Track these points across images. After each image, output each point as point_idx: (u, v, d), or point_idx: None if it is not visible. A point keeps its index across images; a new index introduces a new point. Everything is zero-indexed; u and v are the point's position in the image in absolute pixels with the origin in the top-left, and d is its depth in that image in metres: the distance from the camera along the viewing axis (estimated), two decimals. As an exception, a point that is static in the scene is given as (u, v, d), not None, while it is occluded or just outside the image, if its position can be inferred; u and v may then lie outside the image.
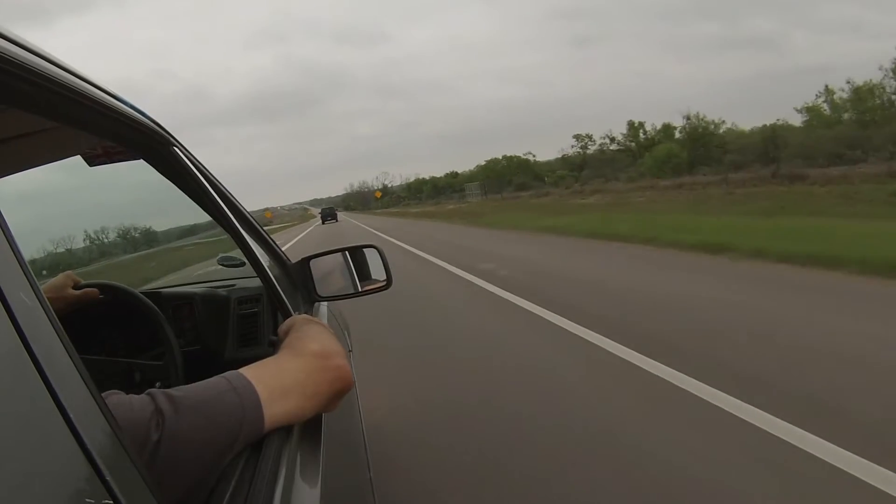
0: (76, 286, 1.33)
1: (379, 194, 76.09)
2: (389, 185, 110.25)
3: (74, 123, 0.80)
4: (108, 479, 0.36)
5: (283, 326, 0.98)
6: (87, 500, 0.34)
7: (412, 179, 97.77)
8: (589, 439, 2.54)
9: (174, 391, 0.63)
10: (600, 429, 2.62)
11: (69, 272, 1.36)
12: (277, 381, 0.71)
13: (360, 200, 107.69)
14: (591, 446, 2.46)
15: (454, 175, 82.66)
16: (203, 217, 1.19)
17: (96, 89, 0.71)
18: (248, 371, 0.70)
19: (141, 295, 1.38)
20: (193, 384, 0.66)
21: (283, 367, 0.75)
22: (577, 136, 61.62)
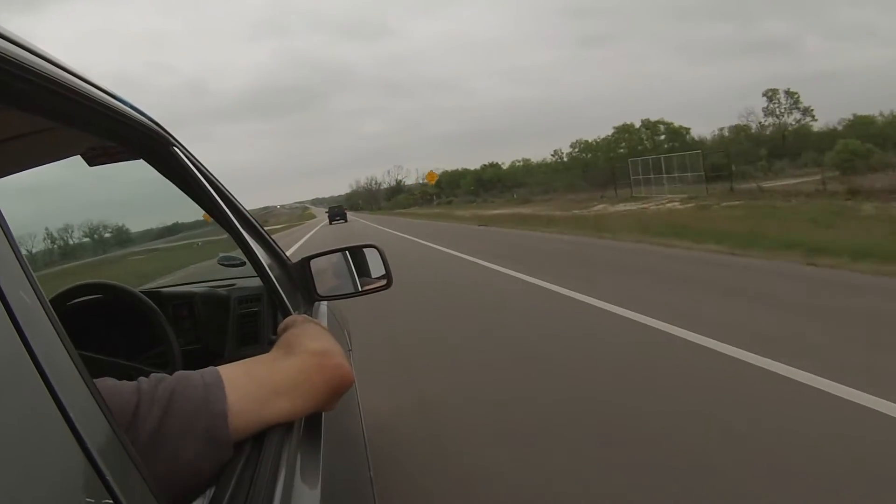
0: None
1: (434, 177, 46.28)
2: (403, 181, 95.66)
3: (74, 123, 0.80)
4: (108, 478, 0.36)
5: (281, 326, 0.98)
6: (87, 499, 0.34)
7: (439, 173, 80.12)
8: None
9: (158, 379, 0.63)
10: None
11: None
12: (269, 379, 0.71)
13: (368, 198, 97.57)
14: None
15: (495, 166, 67.48)
16: (203, 216, 1.19)
17: (96, 89, 0.71)
18: (236, 367, 0.70)
19: (141, 294, 1.38)
20: (177, 373, 0.65)
21: (277, 365, 0.75)
22: (768, 94, 37.52)
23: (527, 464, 2.36)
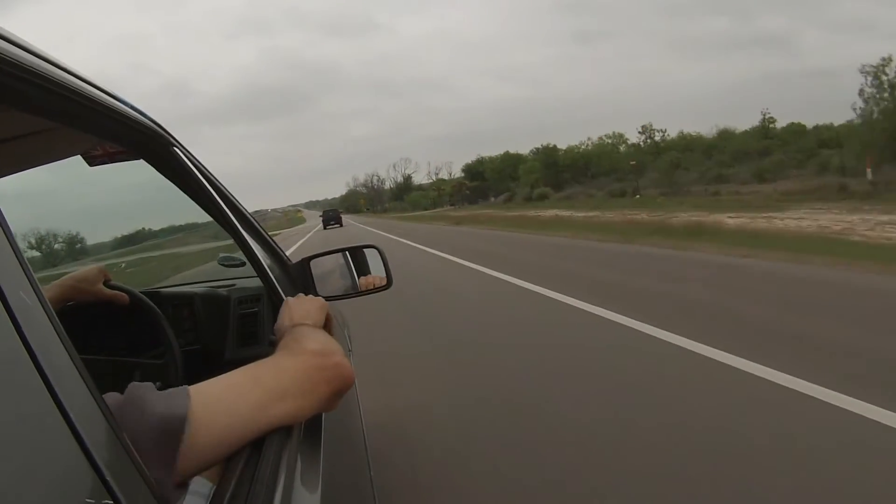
0: (108, 283, 1.34)
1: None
2: (412, 175, 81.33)
3: (75, 124, 0.80)
4: (108, 479, 0.36)
5: (279, 321, 0.98)
6: (87, 500, 0.34)
7: (451, 169, 67.14)
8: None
9: (135, 391, 0.60)
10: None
11: (103, 266, 1.37)
12: (276, 383, 0.71)
13: (371, 198, 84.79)
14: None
15: (554, 149, 51.43)
16: (203, 217, 1.19)
17: (96, 90, 0.71)
18: (240, 374, 0.70)
19: (141, 294, 1.38)
20: (142, 390, 0.60)
21: (280, 368, 0.75)
22: None
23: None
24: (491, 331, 4.82)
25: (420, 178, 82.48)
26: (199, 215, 1.19)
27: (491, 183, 55.13)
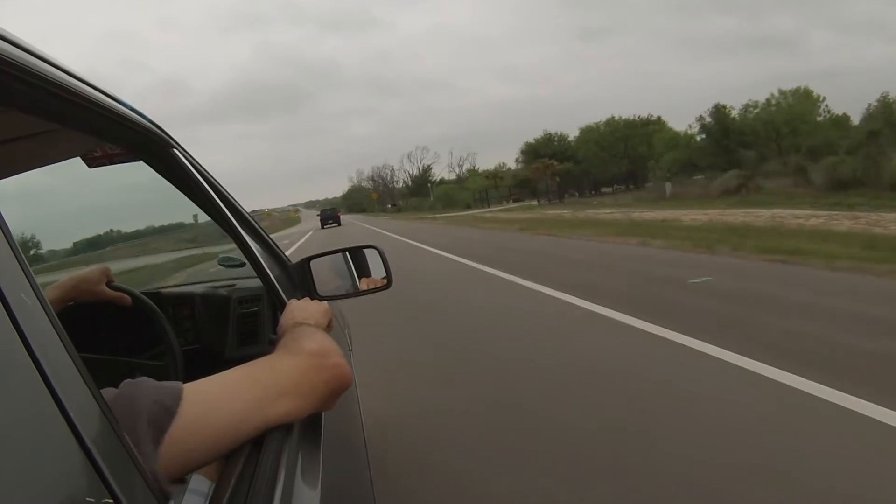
0: (110, 284, 1.34)
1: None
2: (431, 168, 67.31)
3: (74, 125, 0.80)
4: (108, 478, 0.37)
5: (281, 320, 0.98)
6: (88, 499, 0.35)
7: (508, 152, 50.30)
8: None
9: (124, 389, 0.59)
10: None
11: (106, 267, 1.37)
12: (273, 381, 0.71)
13: (385, 195, 71.92)
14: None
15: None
16: (203, 218, 1.19)
17: (96, 91, 0.71)
18: (238, 372, 0.70)
19: (141, 294, 1.39)
20: (139, 384, 0.61)
21: (279, 367, 0.75)
22: None
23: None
24: None
25: (440, 171, 69.56)
26: (199, 216, 1.20)
27: (588, 166, 36.37)
